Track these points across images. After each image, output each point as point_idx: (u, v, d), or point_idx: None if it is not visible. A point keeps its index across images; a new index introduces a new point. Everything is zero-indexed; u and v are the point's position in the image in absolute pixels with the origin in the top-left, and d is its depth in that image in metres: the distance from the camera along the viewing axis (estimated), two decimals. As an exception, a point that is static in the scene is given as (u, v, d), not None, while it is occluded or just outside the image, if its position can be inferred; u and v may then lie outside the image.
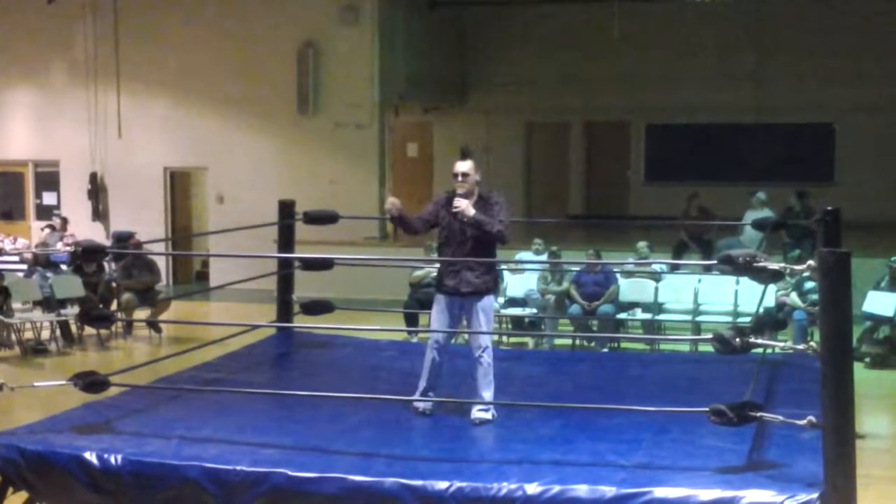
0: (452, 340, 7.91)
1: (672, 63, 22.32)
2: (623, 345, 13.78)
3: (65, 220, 19.97)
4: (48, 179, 22.19)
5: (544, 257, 14.50)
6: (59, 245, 18.02)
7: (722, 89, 22.09)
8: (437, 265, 7.99)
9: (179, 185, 21.67)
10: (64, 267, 16.27)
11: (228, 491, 6.13)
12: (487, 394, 7.42)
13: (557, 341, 13.89)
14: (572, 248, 16.74)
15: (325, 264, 10.33)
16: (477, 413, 7.31)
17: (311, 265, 10.29)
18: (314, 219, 10.01)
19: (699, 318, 13.67)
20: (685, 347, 13.26)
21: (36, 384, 7.95)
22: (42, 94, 21.72)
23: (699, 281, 14.05)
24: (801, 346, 6.52)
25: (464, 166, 7.50)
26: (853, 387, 5.60)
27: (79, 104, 21.25)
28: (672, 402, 7.27)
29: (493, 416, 7.34)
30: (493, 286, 7.64)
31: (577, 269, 14.07)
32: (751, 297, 12.88)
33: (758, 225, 11.79)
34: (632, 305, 14.08)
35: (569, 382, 8.89)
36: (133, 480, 6.29)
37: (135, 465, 6.30)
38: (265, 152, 20.52)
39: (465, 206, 7.41)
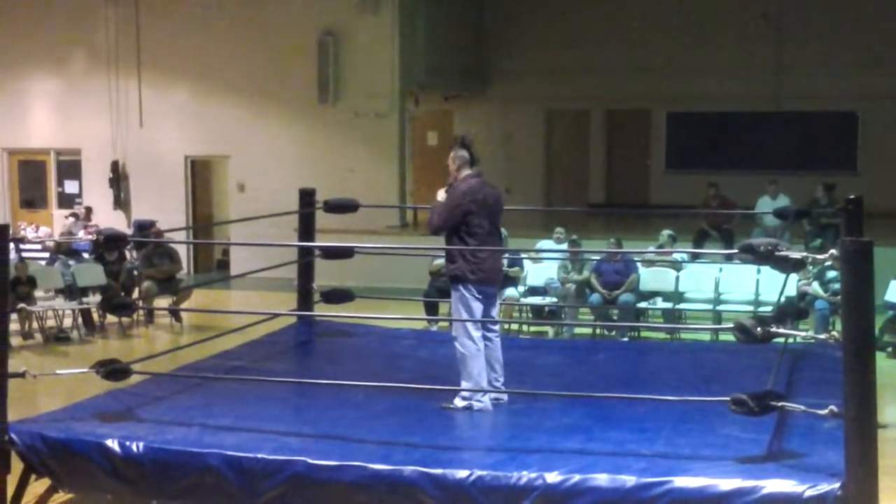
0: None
1: (693, 51, 22.21)
2: (643, 334, 13.74)
3: (89, 210, 20.05)
4: (70, 168, 22.26)
5: (565, 246, 14.47)
6: (82, 233, 18.10)
7: (743, 77, 21.97)
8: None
9: (200, 174, 21.70)
10: (86, 255, 16.34)
11: (249, 478, 6.15)
12: (464, 383, 7.39)
13: (577, 330, 13.87)
14: (593, 237, 16.70)
15: (345, 253, 10.36)
16: (454, 401, 7.33)
17: (331, 254, 10.32)
18: (334, 207, 10.03)
19: (720, 308, 13.61)
20: (706, 337, 13.23)
21: (58, 372, 7.99)
22: (63, 83, 21.78)
23: (720, 270, 13.99)
24: (822, 336, 6.50)
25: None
26: (875, 376, 5.57)
27: (100, 93, 21.31)
28: (693, 392, 7.26)
29: (468, 405, 7.31)
30: (459, 276, 7.47)
31: (598, 257, 14.03)
32: (772, 286, 12.81)
33: (780, 214, 11.75)
34: (652, 294, 14.04)
35: (589, 372, 8.89)
36: (154, 468, 6.32)
37: (156, 453, 6.34)
38: (286, 141, 20.54)
39: (438, 195, 7.68)
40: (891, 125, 21.71)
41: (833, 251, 5.85)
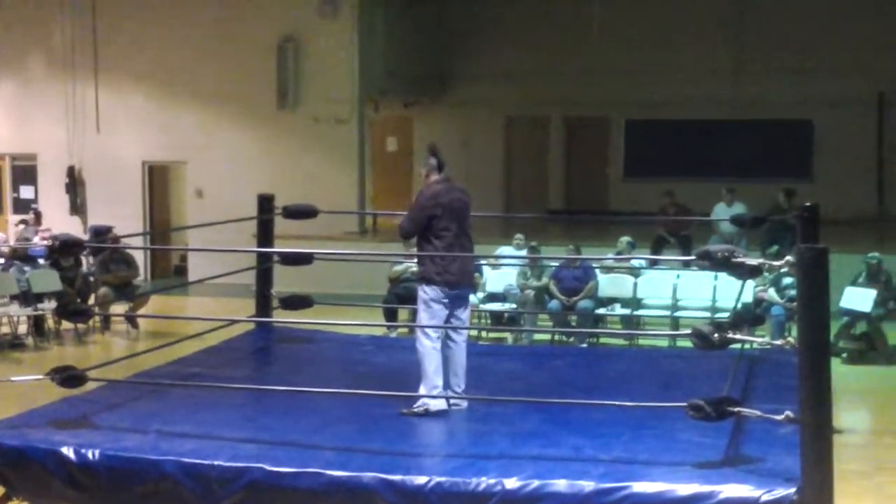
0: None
1: (652, 58, 22.35)
2: (602, 340, 13.79)
3: (38, 214, 19.85)
4: (25, 173, 22.06)
5: (525, 252, 14.51)
6: (36, 239, 17.92)
7: (701, 85, 22.14)
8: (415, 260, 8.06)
9: (158, 180, 21.58)
10: (41, 261, 16.19)
11: (206, 486, 6.10)
12: (422, 385, 7.42)
13: (536, 336, 13.92)
14: (552, 244, 16.75)
15: (304, 259, 10.31)
16: (413, 406, 7.38)
17: (290, 260, 10.27)
18: (293, 213, 10.00)
19: (678, 314, 13.70)
20: (664, 343, 13.28)
21: (12, 378, 7.92)
22: (19, 87, 21.60)
23: (678, 276, 14.09)
24: (778, 342, 6.54)
25: None
26: (830, 382, 5.61)
27: (56, 97, 21.14)
28: (650, 397, 7.29)
29: (425, 408, 7.33)
30: (425, 276, 7.59)
31: (556, 264, 14.08)
32: (729, 292, 12.92)
33: (736, 221, 11.83)
34: (611, 301, 14.11)
35: (548, 377, 8.89)
36: (110, 475, 6.26)
37: (112, 461, 6.27)
38: (244, 147, 20.46)
39: None
40: (846, 133, 21.95)
41: (789, 258, 5.90)
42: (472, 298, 13.84)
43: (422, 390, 7.43)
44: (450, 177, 7.76)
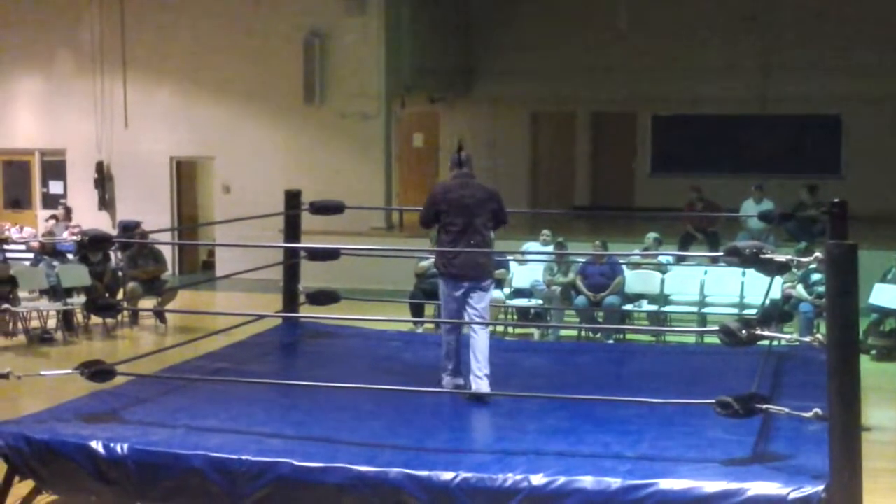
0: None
1: (679, 53, 22.25)
2: (629, 336, 13.76)
3: (68, 210, 19.97)
4: (54, 168, 22.19)
5: (551, 248, 14.49)
6: (65, 234, 18.03)
7: (728, 80, 22.03)
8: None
9: (186, 175, 21.65)
10: (70, 256, 16.28)
11: (233, 480, 6.14)
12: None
13: (563, 333, 13.90)
14: (578, 240, 16.72)
15: (331, 254, 10.36)
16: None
17: (317, 255, 10.31)
18: (320, 209, 10.03)
19: (705, 310, 13.64)
20: (691, 339, 13.25)
21: (42, 373, 7.96)
22: (48, 83, 21.71)
23: (705, 272, 14.02)
24: (807, 339, 6.51)
25: None
26: (859, 379, 5.59)
27: (85, 93, 21.24)
28: (678, 394, 7.27)
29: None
30: (436, 267, 8.06)
31: (583, 260, 14.05)
32: (757, 288, 12.85)
33: (764, 217, 11.77)
34: (638, 297, 14.06)
35: (574, 374, 8.90)
36: (138, 469, 6.30)
37: (140, 454, 6.32)
38: (271, 142, 20.51)
39: None
40: (874, 128, 21.79)
41: (818, 254, 5.87)
42: (498, 294, 13.95)
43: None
44: (471, 173, 7.84)
